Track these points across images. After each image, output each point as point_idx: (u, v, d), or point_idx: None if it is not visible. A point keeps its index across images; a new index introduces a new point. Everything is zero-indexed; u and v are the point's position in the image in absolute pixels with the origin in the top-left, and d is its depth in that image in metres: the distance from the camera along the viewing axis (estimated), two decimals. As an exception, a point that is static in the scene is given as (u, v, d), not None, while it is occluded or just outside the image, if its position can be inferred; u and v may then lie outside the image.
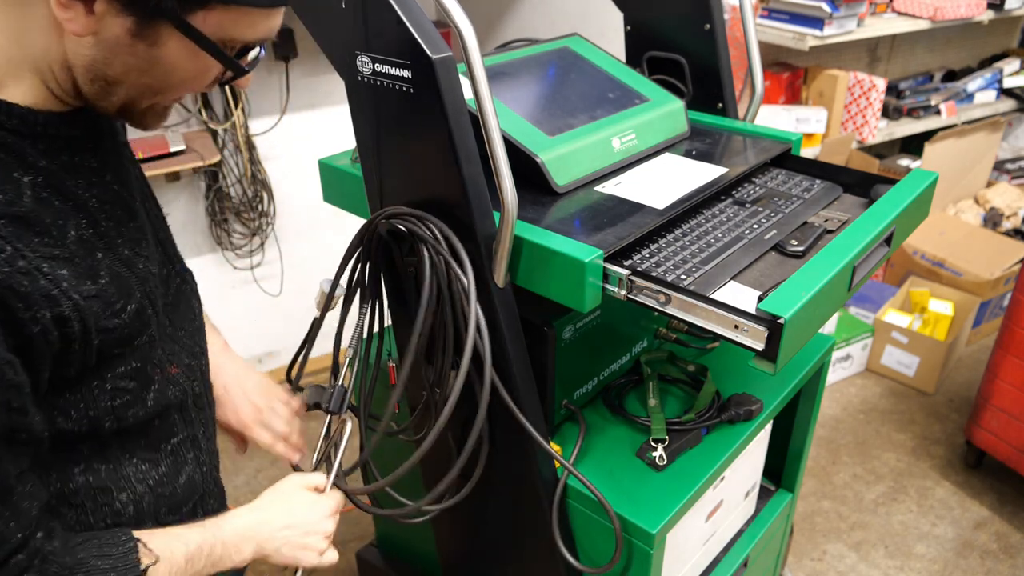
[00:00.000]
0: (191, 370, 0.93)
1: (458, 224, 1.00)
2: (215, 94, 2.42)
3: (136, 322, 0.79)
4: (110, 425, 0.81)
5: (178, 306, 0.93)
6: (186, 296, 0.96)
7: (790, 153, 1.35)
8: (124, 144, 0.89)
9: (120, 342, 0.78)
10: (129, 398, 0.81)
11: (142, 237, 0.83)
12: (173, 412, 0.90)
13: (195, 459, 0.95)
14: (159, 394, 0.86)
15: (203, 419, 0.97)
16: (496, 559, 1.35)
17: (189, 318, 0.95)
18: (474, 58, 0.87)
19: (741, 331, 0.89)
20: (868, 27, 2.75)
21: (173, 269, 0.94)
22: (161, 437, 0.89)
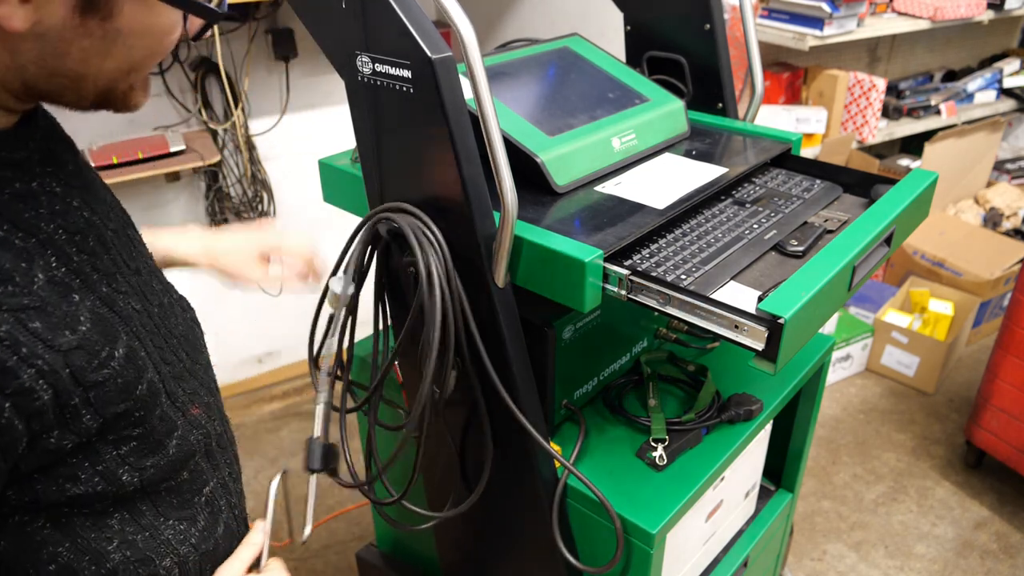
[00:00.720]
0: (210, 409, 0.85)
1: (458, 224, 1.00)
2: (215, 94, 2.42)
3: (129, 368, 0.68)
4: (129, 478, 0.72)
5: (188, 337, 0.85)
6: (191, 326, 0.88)
7: (790, 153, 1.35)
8: (88, 165, 0.78)
9: (118, 395, 0.67)
10: (136, 444, 0.72)
11: (116, 271, 0.73)
12: (200, 459, 0.82)
13: (228, 504, 0.88)
14: (182, 440, 0.77)
15: (227, 459, 0.90)
16: (496, 559, 1.35)
17: (199, 349, 0.88)
18: (474, 58, 0.87)
19: (741, 331, 0.89)
20: (868, 27, 2.75)
21: (172, 297, 0.86)
22: (194, 490, 0.81)
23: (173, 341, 0.80)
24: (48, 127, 0.72)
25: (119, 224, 0.78)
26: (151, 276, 0.82)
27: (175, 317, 0.84)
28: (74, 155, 0.75)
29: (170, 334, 0.80)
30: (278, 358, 3.00)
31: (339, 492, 2.49)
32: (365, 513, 2.39)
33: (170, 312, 0.83)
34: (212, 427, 0.84)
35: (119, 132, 2.33)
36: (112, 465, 0.70)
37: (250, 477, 2.53)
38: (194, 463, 0.81)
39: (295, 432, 2.76)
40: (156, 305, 0.79)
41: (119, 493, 0.72)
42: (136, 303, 0.74)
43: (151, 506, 0.76)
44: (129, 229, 0.82)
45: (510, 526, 1.25)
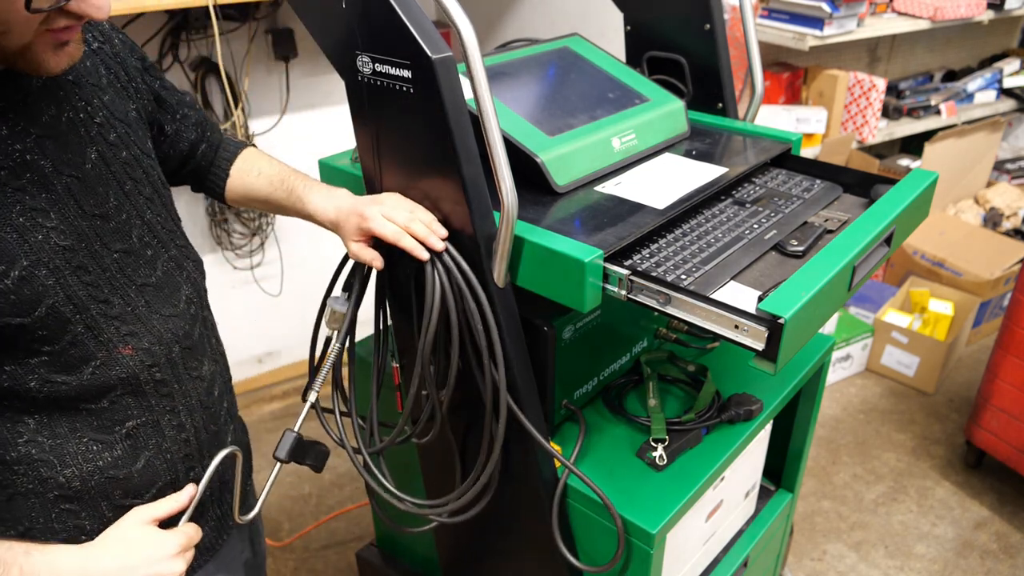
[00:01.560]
0: (150, 355, 0.90)
1: (458, 224, 1.00)
2: (215, 94, 2.42)
3: (24, 288, 0.78)
4: (37, 386, 0.82)
5: (161, 289, 0.92)
6: (175, 282, 0.95)
7: (790, 153, 1.35)
8: (79, 122, 0.85)
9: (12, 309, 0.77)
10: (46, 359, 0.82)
11: (51, 209, 0.81)
12: (125, 395, 0.89)
13: (157, 446, 0.94)
14: (99, 371, 0.86)
15: (170, 406, 0.94)
16: (496, 559, 1.35)
17: (172, 303, 0.94)
18: (474, 58, 0.87)
19: (741, 331, 0.89)
20: (868, 27, 2.75)
21: (165, 253, 0.94)
22: (115, 420, 0.89)
23: (127, 286, 0.88)
24: (40, 86, 0.80)
25: (102, 177, 0.86)
26: (132, 228, 0.89)
27: (149, 268, 0.91)
28: (60, 110, 0.83)
29: (127, 279, 0.88)
30: (278, 358, 3.00)
31: (339, 492, 2.49)
32: (365, 513, 2.39)
33: (144, 263, 0.90)
34: (147, 372, 0.90)
35: (119, 132, 2.33)
36: (20, 370, 0.81)
37: (250, 477, 2.53)
38: (115, 396, 0.89)
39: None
40: (118, 251, 0.87)
41: (30, 397, 0.83)
42: (64, 240, 0.81)
43: (69, 421, 0.86)
44: (128, 184, 0.89)
45: (510, 526, 1.25)
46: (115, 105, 0.91)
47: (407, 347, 1.21)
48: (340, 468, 2.58)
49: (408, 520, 1.28)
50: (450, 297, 1.00)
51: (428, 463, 1.34)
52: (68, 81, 0.85)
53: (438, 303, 1.01)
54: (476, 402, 1.09)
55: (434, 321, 1.01)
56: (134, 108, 0.95)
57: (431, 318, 1.01)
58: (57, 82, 0.84)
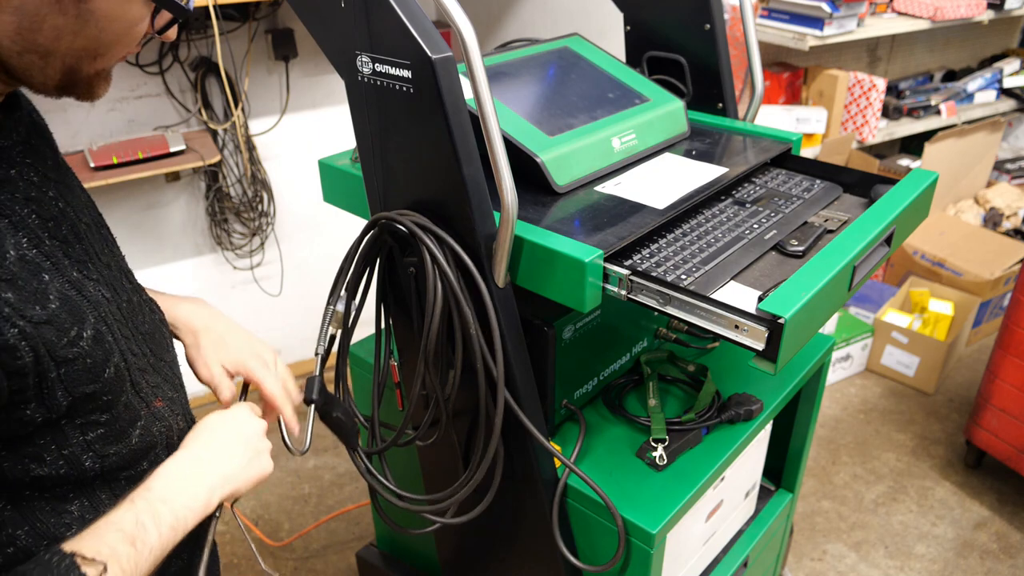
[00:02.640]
0: (174, 403, 0.87)
1: (458, 224, 1.00)
2: (215, 94, 2.42)
3: (98, 350, 0.71)
4: (91, 464, 0.74)
5: (154, 336, 0.88)
6: (158, 325, 0.91)
7: (790, 153, 1.35)
8: (64, 164, 0.82)
9: (87, 375, 0.70)
10: (103, 431, 0.75)
11: (88, 260, 0.76)
12: (161, 451, 0.84)
13: None
14: (145, 431, 0.80)
15: None
16: (496, 559, 1.35)
17: (165, 347, 0.90)
18: (474, 58, 0.87)
19: (741, 331, 0.89)
20: (868, 27, 2.75)
21: (141, 297, 0.89)
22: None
23: (139, 336, 0.84)
24: (31, 122, 0.76)
25: (92, 220, 0.82)
26: (121, 274, 0.85)
27: (142, 315, 0.87)
28: (53, 152, 0.79)
29: (136, 329, 0.83)
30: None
31: (339, 492, 2.49)
32: (365, 513, 2.39)
33: (138, 310, 0.86)
34: (175, 422, 0.87)
35: (119, 132, 2.33)
36: (77, 450, 0.72)
37: (250, 477, 2.53)
38: (155, 454, 0.83)
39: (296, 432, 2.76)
40: (125, 301, 0.83)
41: (80, 478, 0.74)
42: (106, 292, 0.77)
43: (110, 494, 0.78)
44: (103, 228, 0.85)
45: (510, 526, 1.25)
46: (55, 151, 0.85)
47: (407, 346, 1.21)
48: (340, 468, 2.58)
49: (409, 521, 1.28)
50: (451, 297, 1.00)
51: (428, 463, 1.34)
52: (40, 122, 0.80)
53: (440, 303, 1.01)
54: (477, 402, 1.09)
55: (436, 321, 1.01)
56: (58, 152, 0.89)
57: (433, 318, 1.01)
58: (35, 120, 0.78)
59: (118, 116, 2.33)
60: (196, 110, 2.41)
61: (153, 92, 2.35)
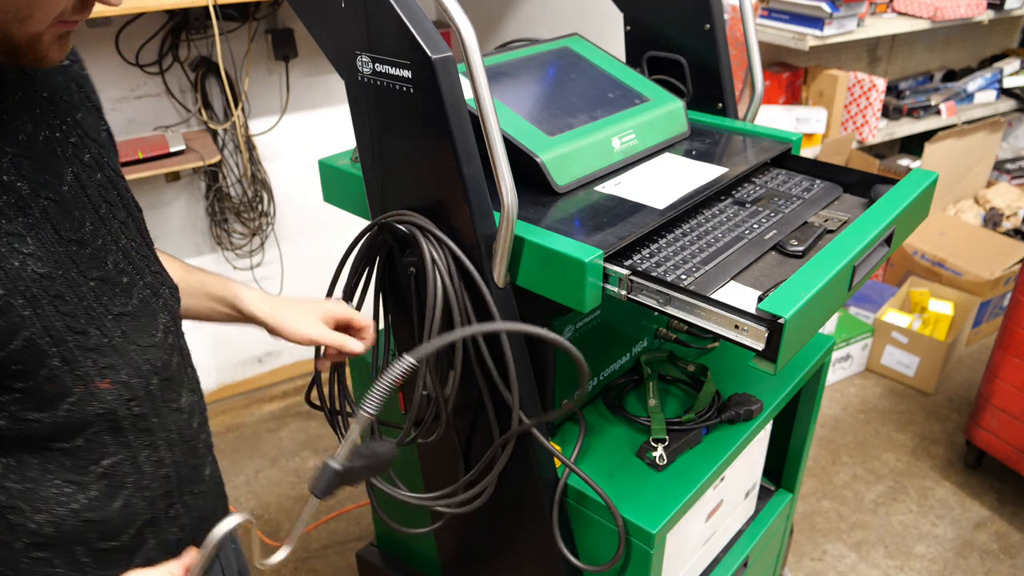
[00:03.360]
0: (129, 388, 0.86)
1: (458, 224, 1.00)
2: (215, 94, 2.42)
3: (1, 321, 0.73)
4: (7, 425, 0.77)
5: (138, 318, 0.87)
6: (152, 310, 0.90)
7: (790, 153, 1.35)
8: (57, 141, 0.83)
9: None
10: (19, 396, 0.77)
11: (28, 234, 0.76)
12: (102, 432, 0.84)
13: (136, 483, 0.89)
14: (76, 408, 0.81)
15: (148, 441, 0.90)
16: (496, 559, 1.35)
17: (150, 332, 0.89)
18: (474, 58, 0.87)
19: (741, 331, 0.89)
20: (868, 27, 2.75)
21: (140, 280, 0.89)
22: (90, 459, 0.84)
23: (104, 316, 0.83)
24: (18, 102, 0.77)
25: (79, 200, 0.83)
26: (108, 254, 0.85)
27: (125, 296, 0.86)
28: (37, 129, 0.79)
29: (104, 309, 0.83)
30: (278, 358, 3.00)
31: (339, 492, 2.49)
32: (365, 513, 2.39)
33: (121, 291, 0.86)
34: (125, 406, 0.86)
35: (119, 132, 2.33)
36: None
37: (250, 477, 2.53)
38: (91, 433, 0.83)
39: (295, 432, 2.76)
40: (94, 279, 0.83)
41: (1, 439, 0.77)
42: (41, 267, 0.77)
43: (40, 462, 0.81)
44: (103, 207, 0.86)
45: (510, 526, 1.25)
46: (87, 124, 0.87)
47: (407, 347, 1.21)
48: (340, 468, 2.58)
49: (408, 520, 1.28)
50: (452, 297, 1.00)
51: (429, 462, 1.34)
52: (43, 98, 0.81)
53: (440, 303, 1.01)
54: (477, 402, 1.09)
55: (437, 321, 1.01)
56: (104, 128, 0.92)
57: (433, 318, 1.01)
58: (33, 98, 0.80)
59: (118, 116, 2.33)
60: (196, 110, 2.41)
61: (153, 92, 2.35)
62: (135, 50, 2.25)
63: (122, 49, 2.23)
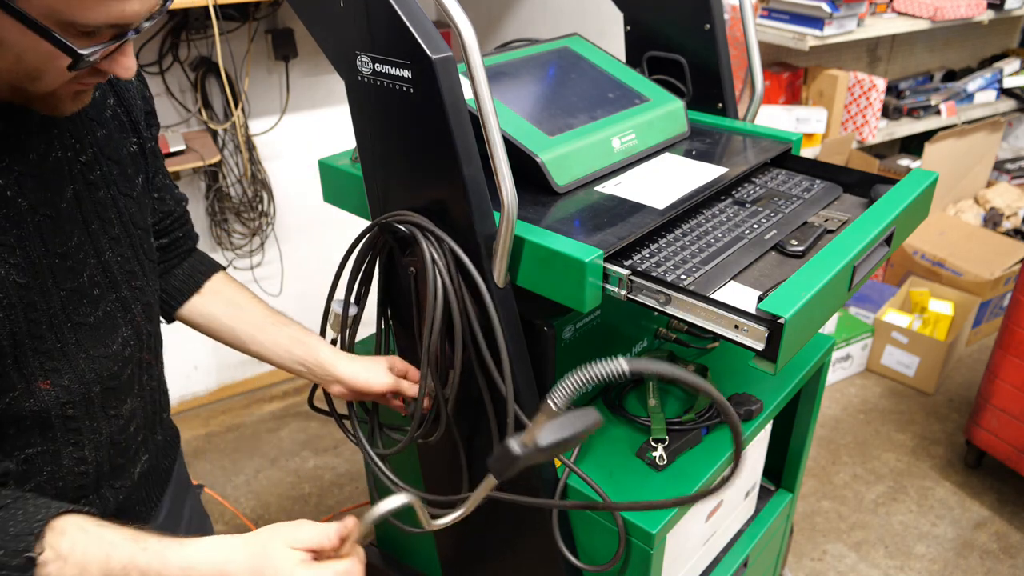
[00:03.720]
0: (68, 392, 0.88)
1: (458, 224, 1.00)
2: (215, 94, 2.42)
3: None
4: None
5: (97, 329, 0.90)
6: (114, 323, 0.92)
7: (790, 153, 1.35)
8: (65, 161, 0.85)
9: None
10: None
11: (19, 246, 0.80)
12: (33, 426, 0.87)
13: (51, 473, 0.91)
14: (14, 402, 0.84)
15: (74, 440, 0.91)
16: (496, 559, 1.35)
17: (105, 344, 0.91)
18: (474, 58, 0.87)
19: (741, 331, 0.89)
20: (868, 27, 2.75)
21: (113, 294, 0.91)
22: (16, 445, 0.87)
23: (63, 323, 0.86)
24: (38, 122, 0.80)
25: (72, 216, 0.85)
26: (86, 267, 0.87)
27: (91, 307, 0.89)
28: (49, 149, 0.82)
29: (65, 317, 0.86)
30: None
31: (339, 492, 2.49)
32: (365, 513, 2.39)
33: (88, 302, 0.88)
34: (59, 408, 0.88)
35: (119, 132, 2.33)
36: None
37: (250, 477, 2.53)
38: (24, 426, 0.86)
39: (295, 432, 2.76)
40: (65, 289, 0.85)
41: None
42: (21, 277, 0.80)
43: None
44: (94, 223, 0.88)
45: (510, 526, 1.25)
46: (109, 140, 0.89)
47: (407, 346, 1.21)
48: (340, 468, 2.58)
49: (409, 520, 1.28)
50: (452, 297, 1.00)
51: (428, 461, 1.34)
52: (66, 117, 0.83)
53: (440, 303, 1.01)
54: (477, 401, 1.09)
55: (437, 322, 1.01)
56: (135, 142, 0.93)
57: (434, 319, 1.01)
58: (54, 120, 0.82)
59: (118, 116, 2.33)
60: (196, 110, 2.41)
61: (153, 92, 2.35)
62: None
63: (122, 49, 2.23)
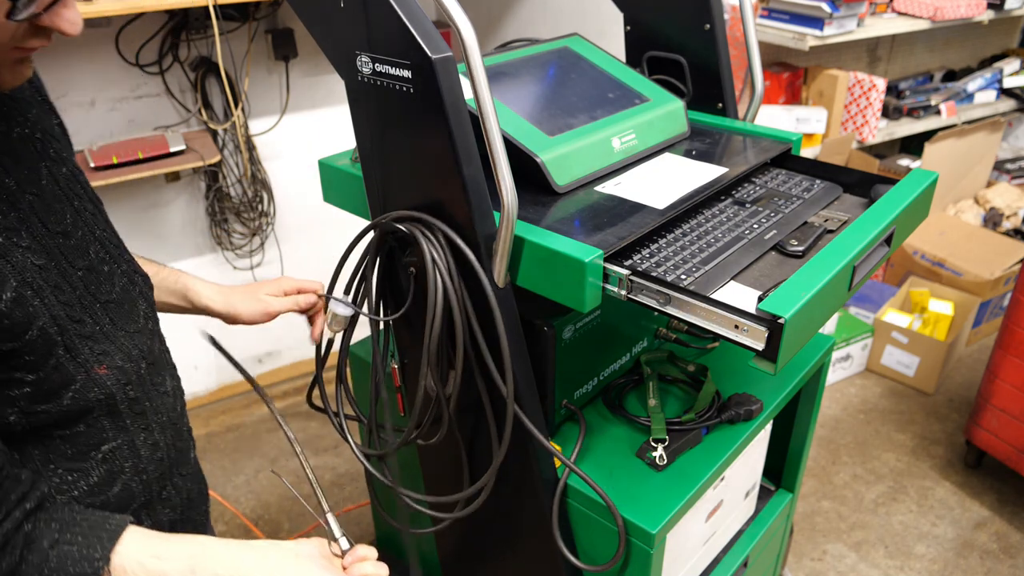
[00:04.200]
0: (124, 373, 0.88)
1: (458, 224, 1.00)
2: (215, 94, 2.42)
3: (18, 311, 0.75)
4: (16, 419, 0.78)
5: (122, 305, 0.90)
6: (132, 297, 0.93)
7: (790, 153, 1.35)
8: (28, 138, 0.85)
9: (5, 334, 0.74)
10: (30, 390, 0.78)
11: (23, 228, 0.79)
12: (101, 417, 0.86)
13: (133, 467, 0.91)
14: (79, 395, 0.83)
15: (144, 424, 0.92)
16: (496, 559, 1.35)
17: (133, 319, 0.92)
18: (474, 58, 0.87)
19: (741, 331, 0.89)
20: (868, 27, 2.75)
21: (118, 268, 0.92)
22: (90, 444, 0.86)
23: (94, 304, 0.86)
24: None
25: (51, 192, 0.85)
26: (89, 244, 0.88)
27: (109, 284, 0.89)
28: (10, 127, 0.81)
29: (93, 297, 0.86)
30: (278, 358, 3.00)
31: (339, 492, 2.49)
32: (365, 513, 2.39)
33: (104, 279, 0.88)
34: (122, 391, 0.88)
35: (119, 132, 2.33)
36: (1, 404, 0.77)
37: (250, 477, 2.53)
38: (92, 419, 0.85)
39: (295, 432, 2.76)
40: (82, 269, 0.85)
41: (7, 432, 0.78)
42: (38, 259, 0.80)
43: (43, 452, 0.82)
44: (76, 200, 0.88)
45: (510, 526, 1.25)
46: (43, 120, 0.89)
47: (407, 347, 1.21)
48: (340, 468, 2.58)
49: (409, 520, 1.28)
50: (452, 297, 1.00)
51: (429, 462, 1.34)
52: (6, 96, 0.82)
53: (440, 303, 1.01)
54: (477, 402, 1.09)
55: (437, 321, 1.01)
56: (56, 123, 0.93)
57: (434, 318, 1.01)
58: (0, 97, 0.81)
59: (118, 116, 2.33)
60: (196, 110, 2.41)
61: (153, 92, 2.35)
62: (135, 50, 2.25)
63: (122, 49, 2.23)
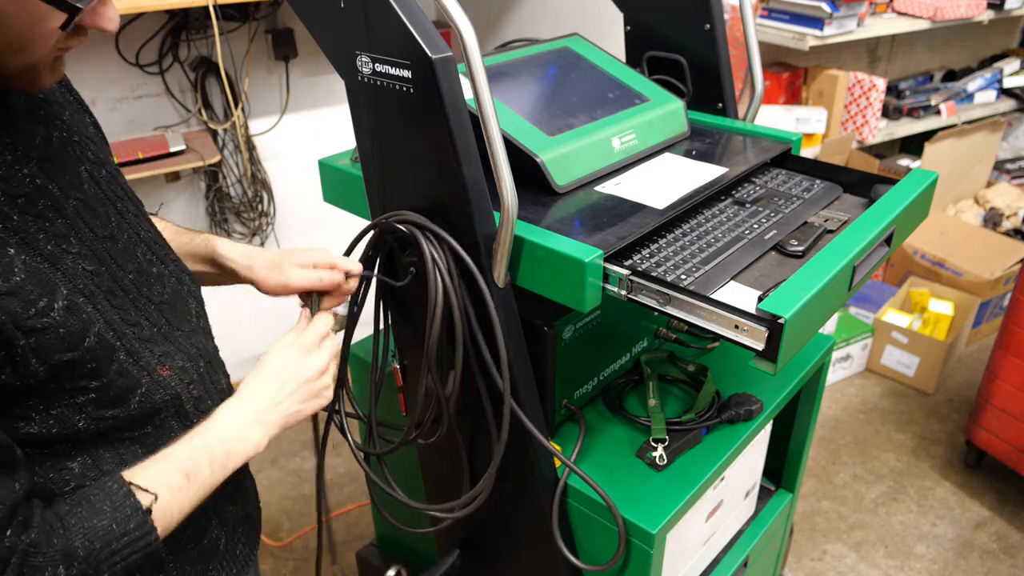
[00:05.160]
0: (185, 372, 0.89)
1: (458, 224, 1.00)
2: (215, 94, 2.42)
3: (72, 320, 0.74)
4: (85, 426, 0.78)
5: (175, 305, 0.91)
6: (182, 296, 0.94)
7: (790, 153, 1.35)
8: (68, 142, 0.84)
9: (62, 344, 0.73)
10: (95, 396, 0.78)
11: (71, 234, 0.78)
12: (169, 418, 0.87)
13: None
14: (146, 398, 0.83)
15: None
16: (496, 558, 1.35)
17: (187, 318, 0.93)
18: (474, 58, 0.87)
19: (741, 331, 0.89)
20: (868, 27, 2.75)
21: (166, 269, 0.92)
22: (159, 444, 0.85)
23: (148, 306, 0.86)
24: (24, 106, 0.79)
25: (94, 195, 0.84)
26: (136, 247, 0.88)
27: (160, 286, 0.89)
28: (49, 131, 0.81)
29: (146, 300, 0.86)
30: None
31: (339, 492, 2.49)
32: (365, 513, 2.39)
33: (155, 281, 0.89)
34: (185, 390, 0.89)
35: (119, 132, 2.33)
36: (68, 411, 0.76)
37: (250, 477, 2.53)
38: (160, 419, 0.86)
39: (295, 432, 2.76)
40: (132, 272, 0.85)
41: (76, 437, 0.78)
42: (89, 264, 0.79)
43: (114, 453, 0.82)
44: (119, 203, 0.88)
45: (510, 526, 1.25)
46: (77, 121, 0.89)
47: (407, 347, 1.21)
48: (340, 468, 2.58)
49: (409, 520, 1.28)
50: (452, 297, 1.00)
51: (429, 463, 1.34)
52: (42, 100, 0.82)
53: (440, 304, 1.01)
54: (478, 401, 1.09)
55: (437, 321, 1.01)
56: (91, 123, 0.93)
57: (434, 318, 1.01)
58: (35, 101, 0.81)
59: (118, 116, 2.33)
60: (196, 110, 2.41)
61: (153, 92, 2.35)
62: (135, 50, 2.25)
63: (122, 49, 2.23)
